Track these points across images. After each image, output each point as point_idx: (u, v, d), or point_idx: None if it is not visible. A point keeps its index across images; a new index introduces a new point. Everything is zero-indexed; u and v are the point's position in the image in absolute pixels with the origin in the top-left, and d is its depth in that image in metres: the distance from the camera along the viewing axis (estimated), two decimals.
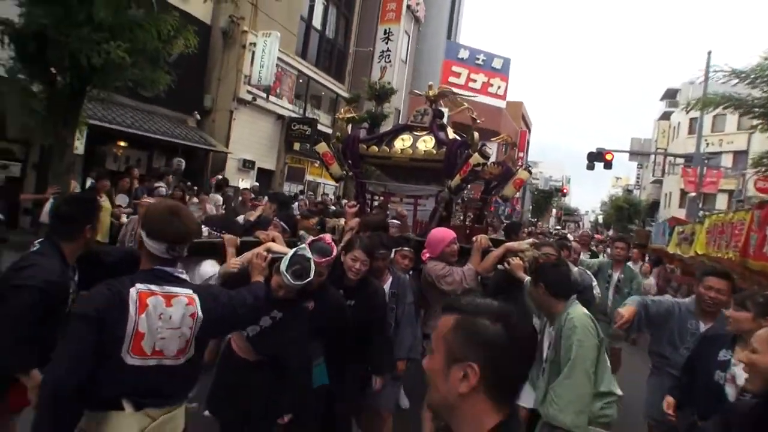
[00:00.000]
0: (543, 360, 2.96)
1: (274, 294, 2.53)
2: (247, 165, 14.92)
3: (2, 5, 6.74)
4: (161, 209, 2.06)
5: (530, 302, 3.22)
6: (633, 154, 20.55)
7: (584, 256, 6.84)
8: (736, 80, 13.18)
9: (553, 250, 3.95)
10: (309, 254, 2.58)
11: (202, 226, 3.26)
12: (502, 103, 33.95)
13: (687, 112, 27.81)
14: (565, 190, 66.17)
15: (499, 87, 33.62)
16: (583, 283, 3.80)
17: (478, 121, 5.30)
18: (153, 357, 1.91)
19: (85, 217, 2.43)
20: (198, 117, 13.80)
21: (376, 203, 5.35)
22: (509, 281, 3.62)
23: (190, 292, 2.02)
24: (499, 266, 3.75)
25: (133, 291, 1.89)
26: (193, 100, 13.57)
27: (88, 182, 8.93)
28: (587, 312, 2.84)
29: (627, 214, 45.52)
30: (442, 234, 3.75)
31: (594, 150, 18.71)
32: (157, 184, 8.62)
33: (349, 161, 5.08)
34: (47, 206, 6.50)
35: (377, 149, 4.96)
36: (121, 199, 8.23)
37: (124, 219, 6.71)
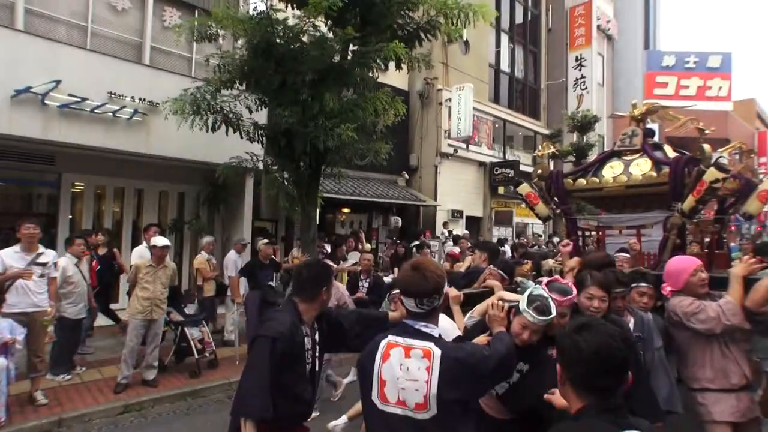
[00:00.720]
0: None
1: (517, 340, 2.43)
2: (455, 215, 15.45)
3: (257, 114, 8.35)
4: (407, 267, 2.15)
5: None
6: None
7: None
8: None
9: None
10: (545, 293, 2.50)
11: None
12: (727, 105, 29.38)
13: None
14: None
15: (720, 88, 29.26)
16: None
17: (707, 131, 4.72)
18: (398, 406, 1.99)
19: (322, 281, 2.66)
20: (407, 176, 14.90)
21: (590, 239, 5.04)
22: None
23: (430, 345, 1.99)
24: None
25: (383, 342, 2.08)
26: (400, 161, 14.73)
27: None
28: None
29: None
30: (684, 263, 3.24)
31: None
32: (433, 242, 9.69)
33: (555, 198, 4.91)
34: None
35: (585, 182, 4.75)
36: (353, 257, 9.26)
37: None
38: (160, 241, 6.53)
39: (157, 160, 9.47)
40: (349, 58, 8.06)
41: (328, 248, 9.57)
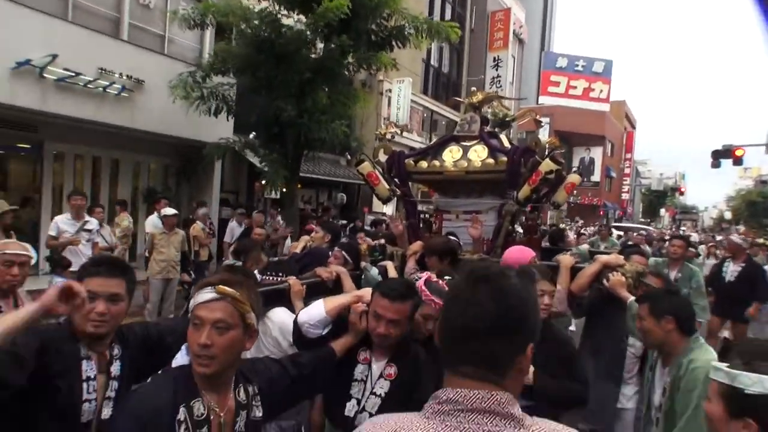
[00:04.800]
0: (652, 406, 2.60)
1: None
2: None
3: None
4: None
5: (632, 326, 2.88)
6: None
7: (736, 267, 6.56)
8: None
9: (659, 281, 3.37)
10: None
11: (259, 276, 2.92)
12: (605, 107, 33.89)
13: None
14: (682, 189, 63.09)
15: (601, 91, 33.54)
16: None
17: (542, 123, 5.67)
18: None
19: None
20: (348, 157, 16.34)
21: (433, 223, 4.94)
22: (608, 301, 3.25)
23: None
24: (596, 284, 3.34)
25: None
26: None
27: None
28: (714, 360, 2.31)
29: (762, 209, 41.78)
30: (521, 254, 3.34)
31: (720, 147, 16.05)
32: None
33: (396, 180, 4.79)
34: (287, 242, 8.90)
35: (426, 164, 4.67)
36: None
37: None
38: (170, 210, 7.53)
39: (136, 133, 10.03)
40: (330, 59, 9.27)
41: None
